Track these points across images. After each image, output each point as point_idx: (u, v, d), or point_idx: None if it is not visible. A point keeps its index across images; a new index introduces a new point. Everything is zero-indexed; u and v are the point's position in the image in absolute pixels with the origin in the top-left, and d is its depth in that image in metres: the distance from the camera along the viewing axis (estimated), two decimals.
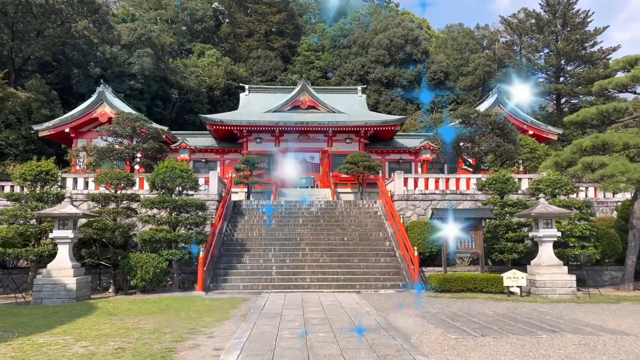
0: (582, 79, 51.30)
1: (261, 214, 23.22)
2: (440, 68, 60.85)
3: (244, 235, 21.42)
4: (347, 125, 31.65)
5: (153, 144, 23.41)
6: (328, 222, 22.67)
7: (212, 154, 34.26)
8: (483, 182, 19.55)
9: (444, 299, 15.59)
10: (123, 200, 17.78)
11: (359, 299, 15.31)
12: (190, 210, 18.23)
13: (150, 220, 17.54)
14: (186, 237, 17.47)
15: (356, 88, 39.70)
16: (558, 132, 32.99)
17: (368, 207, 24.15)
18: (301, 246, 20.53)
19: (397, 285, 17.94)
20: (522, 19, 57.07)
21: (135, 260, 16.66)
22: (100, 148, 23.33)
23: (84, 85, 43.52)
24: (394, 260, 19.67)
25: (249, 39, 65.86)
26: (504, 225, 18.42)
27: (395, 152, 34.54)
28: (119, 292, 17.61)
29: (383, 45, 60.52)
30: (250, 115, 32.44)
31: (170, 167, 17.83)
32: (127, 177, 17.85)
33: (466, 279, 16.49)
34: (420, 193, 22.08)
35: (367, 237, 21.40)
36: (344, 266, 19.23)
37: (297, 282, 18.10)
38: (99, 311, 13.28)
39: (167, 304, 14.45)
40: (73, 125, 31.05)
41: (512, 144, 22.72)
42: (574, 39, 51.66)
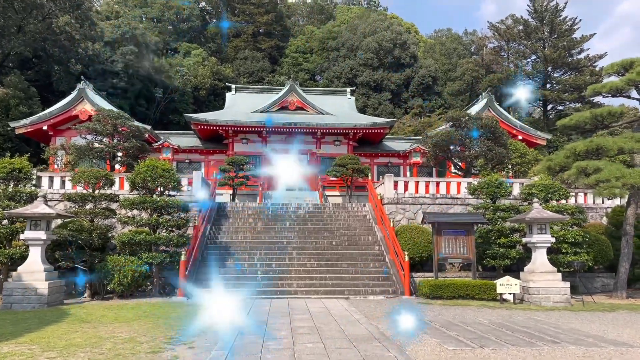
0: (569, 86, 51.43)
1: (247, 217, 22.50)
2: (428, 73, 60.60)
3: (229, 238, 20.68)
4: (335, 127, 31.08)
5: (134, 143, 22.53)
6: (316, 225, 22.03)
7: (197, 155, 33.42)
8: (475, 186, 19.08)
9: (436, 306, 15.03)
10: (101, 200, 16.95)
11: (348, 306, 14.69)
12: (172, 212, 17.47)
13: (129, 221, 16.74)
14: (167, 240, 16.69)
15: (345, 90, 39.16)
16: (547, 138, 32.80)
17: (357, 211, 23.56)
18: (288, 250, 19.85)
19: (387, 292, 17.35)
20: (510, 25, 57.19)
21: (112, 263, 15.84)
22: (79, 146, 22.38)
23: (64, 83, 42.37)
24: (383, 265, 19.08)
25: (236, 39, 65.07)
26: (497, 230, 17.96)
27: (384, 155, 34.04)
28: (95, 297, 16.76)
29: (372, 49, 60.16)
30: (237, 115, 31.69)
31: (152, 166, 17.06)
32: (105, 176, 17.03)
33: (458, 285, 15.95)
34: (410, 197, 21.55)
35: (356, 241, 20.80)
36: (332, 271, 18.60)
37: (283, 287, 17.42)
38: (71, 318, 12.46)
39: (146, 311, 13.67)
40: (52, 123, 29.98)
41: (503, 148, 22.32)
42: (561, 45, 51.84)
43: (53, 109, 30.24)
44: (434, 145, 23.29)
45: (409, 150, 29.66)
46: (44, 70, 45.49)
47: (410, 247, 18.96)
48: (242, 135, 32.29)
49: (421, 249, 19.09)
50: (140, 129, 24.05)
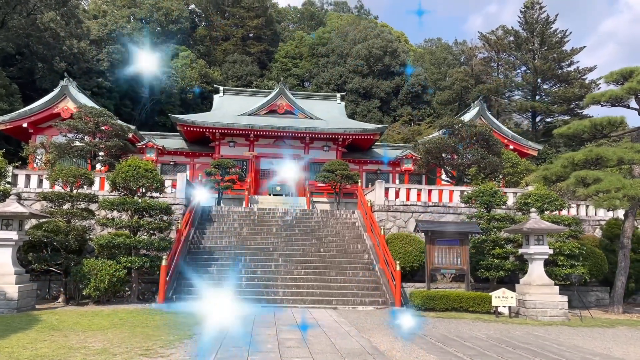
0: (558, 98, 51.53)
1: (232, 221, 21.70)
2: (418, 81, 60.45)
3: (213, 243, 19.87)
4: (325, 132, 30.46)
5: (117, 142, 21.62)
6: (303, 232, 21.31)
7: (182, 157, 32.55)
8: (469, 194, 18.55)
9: (429, 318, 14.38)
10: (79, 200, 16.05)
11: (337, 317, 13.98)
12: (154, 214, 16.63)
13: (108, 223, 15.86)
14: (148, 243, 15.85)
15: (335, 95, 38.60)
16: (538, 148, 32.53)
17: (346, 218, 22.90)
18: (274, 257, 19.11)
19: (377, 302, 16.67)
20: (501, 36, 57.30)
21: (89, 267, 14.96)
22: (59, 144, 21.41)
23: (47, 81, 41.25)
24: (373, 274, 18.42)
25: (226, 42, 64.34)
26: (491, 240, 17.40)
27: (373, 162, 33.49)
28: (69, 302, 15.85)
29: (362, 56, 59.87)
30: (224, 118, 30.92)
31: (134, 165, 16.23)
32: (84, 175, 16.14)
33: (452, 297, 15.34)
34: (401, 204, 20.96)
35: (344, 249, 20.12)
36: (319, 279, 17.88)
37: (269, 295, 16.66)
38: (41, 325, 11.57)
39: (122, 318, 12.82)
40: (32, 120, 28.92)
41: (496, 157, 21.86)
42: (551, 57, 51.98)
43: (34, 105, 29.20)
44: (426, 152, 22.76)
45: (401, 157, 29.11)
46: (27, 67, 44.30)
47: (401, 256, 18.34)
48: (229, 138, 31.51)
49: (412, 259, 18.48)
50: (124, 127, 23.15)
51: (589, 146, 18.71)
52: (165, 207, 16.56)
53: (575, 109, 53.03)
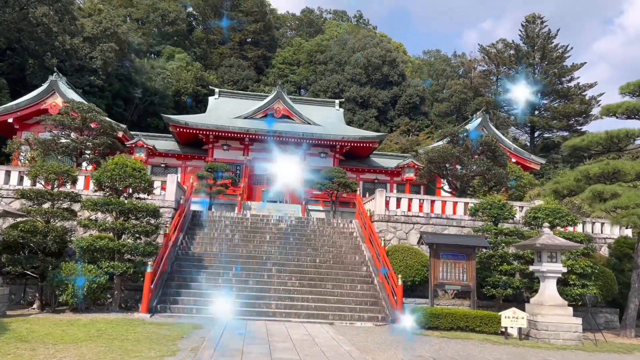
0: (558, 113, 51.00)
1: (223, 227, 20.59)
2: (416, 92, 59.77)
3: (202, 249, 18.74)
4: (322, 138, 29.49)
5: (105, 140, 20.49)
6: (299, 240, 20.24)
7: (174, 159, 31.44)
8: (476, 206, 17.58)
9: (434, 337, 13.33)
10: (60, 199, 14.90)
11: (335, 334, 12.90)
12: (141, 217, 15.51)
13: (90, 225, 14.72)
14: (132, 248, 14.71)
15: (334, 101, 37.69)
16: (541, 162, 31.73)
17: (343, 227, 21.86)
18: (267, 266, 18.00)
19: (376, 318, 15.60)
20: (501, 49, 56.87)
21: (67, 271, 13.81)
22: (43, 140, 20.25)
23: (38, 77, 39.96)
24: (371, 288, 17.37)
25: (222, 46, 63.45)
26: (499, 256, 16.42)
27: (371, 171, 32.55)
28: (45, 309, 14.66)
29: (360, 64, 59.18)
30: (219, 120, 29.90)
31: (121, 163, 15.13)
32: (67, 172, 15.01)
33: (458, 315, 14.30)
34: (402, 215, 19.96)
35: (341, 260, 19.06)
36: (315, 292, 16.79)
37: (261, 308, 15.55)
38: (7, 335, 10.41)
39: (100, 329, 11.66)
40: (19, 116, 27.74)
41: (502, 168, 20.97)
42: (551, 72, 51.55)
43: (20, 100, 28.04)
44: (429, 161, 21.83)
45: (402, 166, 28.17)
46: (17, 62, 43.05)
47: (402, 270, 17.30)
48: (223, 142, 30.45)
49: (414, 272, 17.46)
50: (113, 125, 22.00)
51: (604, 159, 17.85)
52: (152, 210, 15.45)
53: (574, 125, 52.57)
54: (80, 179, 18.81)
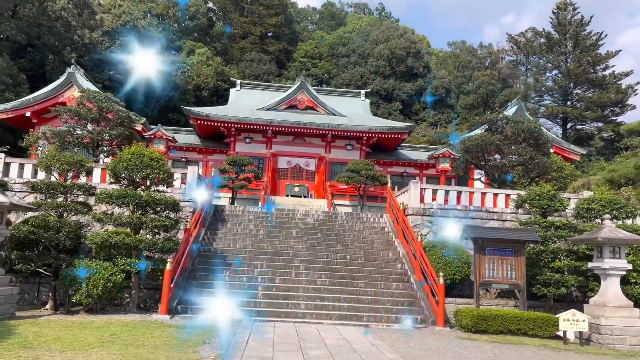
0: (592, 104, 48.66)
1: (247, 222, 19.44)
2: (442, 84, 57.93)
3: (226, 245, 17.60)
4: (349, 129, 28.12)
5: (122, 131, 19.49)
6: (327, 235, 18.96)
7: (195, 153, 30.45)
8: (523, 197, 16.04)
9: (483, 342, 11.92)
10: (73, 191, 13.86)
11: (373, 338, 11.59)
12: (159, 210, 14.40)
13: (105, 219, 13.66)
14: (151, 244, 13.61)
15: (359, 92, 36.29)
16: (581, 152, 29.81)
17: (373, 222, 20.52)
18: (294, 263, 16.77)
19: (415, 320, 14.24)
20: (530, 38, 54.69)
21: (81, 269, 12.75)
22: (59, 131, 19.33)
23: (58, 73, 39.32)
24: (408, 287, 16.00)
25: (243, 40, 62.44)
26: (550, 251, 14.87)
27: (400, 164, 31.10)
28: (58, 310, 13.68)
29: (384, 56, 57.60)
30: (240, 112, 28.78)
31: (138, 153, 14.04)
32: (80, 163, 13.96)
33: (508, 317, 12.86)
34: (439, 208, 18.53)
35: (373, 257, 17.72)
36: (347, 291, 15.50)
37: (289, 308, 14.33)
38: (12, 340, 9.35)
39: (115, 333, 10.56)
40: (36, 110, 27.00)
41: (546, 157, 19.36)
42: (585, 60, 49.19)
43: (38, 94, 27.31)
44: (465, 150, 20.31)
45: (437, 156, 26.61)
46: (37, 59, 42.73)
47: (441, 267, 15.90)
48: (245, 134, 29.33)
49: (453, 270, 16.03)
50: (131, 116, 20.96)
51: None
52: (172, 203, 14.33)
53: (609, 116, 50.22)
54: (97, 172, 17.85)
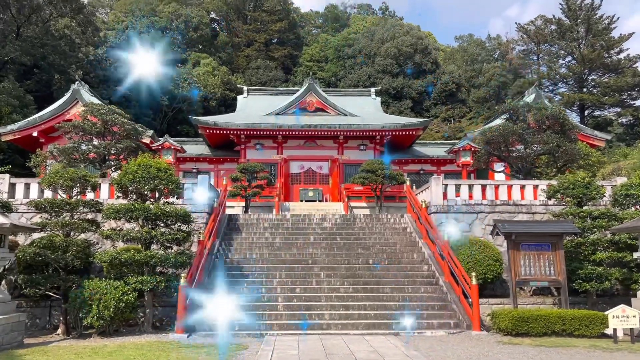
0: (609, 89, 47.26)
1: (262, 230, 18.63)
2: (452, 79, 56.87)
3: (242, 256, 16.79)
4: (361, 129, 27.27)
5: (129, 143, 18.83)
6: (346, 240, 18.08)
7: (205, 164, 29.80)
8: (555, 187, 15.03)
9: (527, 347, 10.94)
10: (79, 208, 13.16)
11: (406, 349, 10.68)
12: (170, 223, 13.65)
13: (113, 235, 12.93)
14: (162, 259, 12.84)
15: (369, 90, 35.48)
16: (606, 138, 28.57)
17: (394, 223, 19.59)
18: (315, 271, 15.91)
19: (448, 325, 13.30)
20: (540, 26, 53.42)
21: (90, 290, 12.05)
22: (64, 148, 18.73)
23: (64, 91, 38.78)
24: (437, 289, 15.05)
25: (248, 48, 61.98)
26: (590, 243, 13.83)
27: (416, 161, 30.14)
28: (70, 334, 12.97)
29: (391, 55, 56.69)
30: (249, 118, 28.08)
31: (144, 164, 13.33)
32: (84, 178, 13.27)
33: (552, 318, 11.86)
34: (463, 204, 17.55)
35: (398, 260, 16.80)
36: (372, 297, 14.60)
37: (312, 319, 13.46)
38: None
39: (128, 358, 9.77)
40: (43, 129, 26.55)
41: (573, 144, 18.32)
42: (598, 45, 47.84)
43: (44, 112, 26.87)
44: (486, 142, 19.34)
45: (456, 149, 25.60)
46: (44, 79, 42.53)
47: (471, 266, 14.95)
48: (255, 141, 28.61)
49: (484, 269, 15.06)
50: (137, 128, 20.32)
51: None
52: (183, 214, 13.58)
53: (627, 100, 48.76)
54: (104, 187, 17.17)
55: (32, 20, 40.21)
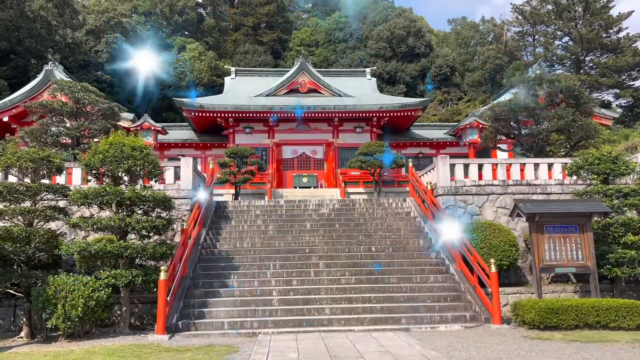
0: (607, 69, 46.00)
1: (254, 218, 17.04)
2: (445, 62, 55.27)
3: (231, 246, 15.20)
4: (357, 110, 25.64)
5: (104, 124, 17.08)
6: (346, 226, 16.55)
7: (192, 150, 28.05)
8: (579, 163, 13.56)
9: (560, 343, 9.51)
10: (41, 193, 11.48)
11: (421, 347, 9.20)
12: (148, 210, 12.03)
13: (82, 223, 11.27)
14: (139, 250, 11.22)
15: (364, 70, 33.83)
16: (614, 116, 27.21)
17: (396, 207, 18.08)
18: (312, 260, 14.39)
19: (463, 318, 11.86)
20: (536, 6, 51.93)
21: (56, 286, 10.41)
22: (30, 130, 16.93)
23: None
24: (448, 278, 13.60)
25: (236, 32, 59.95)
26: (621, 224, 12.39)
27: (414, 145, 28.61)
28: (36, 337, 11.35)
29: (383, 38, 54.90)
30: (238, 100, 26.37)
31: (117, 143, 11.64)
32: (48, 159, 11.56)
33: (584, 309, 10.44)
34: (473, 185, 16.07)
35: (403, 247, 15.30)
36: (377, 289, 13.12)
37: (311, 315, 11.96)
38: None
39: None
40: (14, 114, 24.65)
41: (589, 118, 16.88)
42: (597, 24, 46.49)
43: (14, 96, 24.99)
44: (495, 119, 17.84)
45: (462, 127, 24.05)
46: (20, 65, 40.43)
47: (486, 252, 13.53)
48: (244, 124, 26.89)
49: (500, 255, 13.60)
50: (113, 107, 18.54)
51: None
52: (162, 199, 11.95)
53: (626, 81, 47.56)
54: (77, 172, 15.46)
55: (7, 3, 38.02)
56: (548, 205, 11.86)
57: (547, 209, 11.60)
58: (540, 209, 11.51)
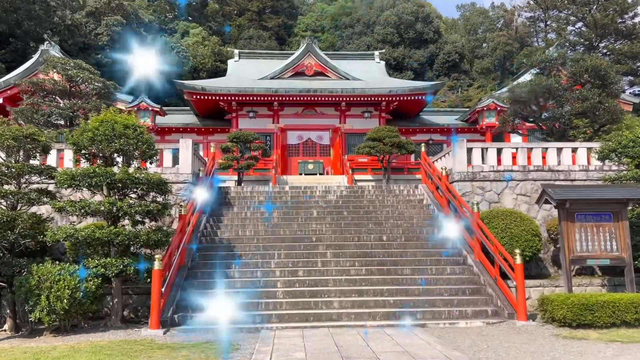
0: (622, 56, 44.59)
1: (257, 204, 16.07)
2: (454, 49, 53.92)
3: (233, 234, 14.25)
4: (366, 94, 24.52)
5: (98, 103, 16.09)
6: (355, 214, 15.56)
7: (193, 135, 27.02)
8: (610, 146, 12.50)
9: (597, 343, 8.53)
10: (25, 174, 10.53)
11: (442, 347, 8.24)
12: (142, 194, 11.07)
13: (69, 207, 10.31)
14: (131, 236, 10.27)
15: (373, 53, 32.64)
16: (634, 101, 26.02)
17: (408, 194, 17.08)
18: (320, 250, 13.44)
19: (484, 313, 10.89)
20: None
21: (39, 276, 9.49)
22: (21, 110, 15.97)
23: None
24: (465, 270, 12.63)
25: (240, 17, 58.70)
26: None
27: (424, 131, 27.51)
28: (20, 331, 10.48)
29: (391, 23, 53.63)
30: (241, 83, 25.30)
31: (108, 120, 10.65)
32: (32, 137, 10.59)
33: (622, 305, 9.44)
34: (491, 170, 15.05)
35: (416, 236, 14.33)
36: (389, 281, 12.16)
37: (319, 308, 11.02)
38: None
39: None
40: (8, 95, 23.66)
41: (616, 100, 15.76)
42: (612, 9, 45.03)
43: (9, 77, 23.96)
44: (514, 101, 16.74)
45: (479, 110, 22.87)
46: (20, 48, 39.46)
47: (506, 242, 12.56)
48: (248, 108, 25.85)
49: (522, 245, 12.63)
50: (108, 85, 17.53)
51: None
52: (157, 182, 10.96)
53: None
54: (69, 153, 14.51)
55: None
56: (580, 191, 10.83)
57: (579, 194, 10.56)
58: (571, 195, 10.47)
